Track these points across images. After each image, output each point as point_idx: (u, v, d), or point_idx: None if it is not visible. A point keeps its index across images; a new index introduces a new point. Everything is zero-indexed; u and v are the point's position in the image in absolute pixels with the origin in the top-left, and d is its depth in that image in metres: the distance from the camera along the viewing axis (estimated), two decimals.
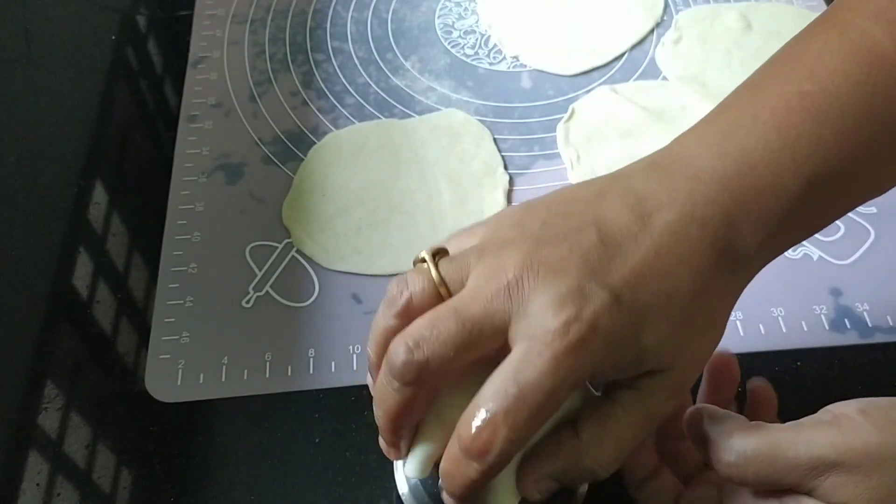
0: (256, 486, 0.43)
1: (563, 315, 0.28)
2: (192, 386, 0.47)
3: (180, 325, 0.49)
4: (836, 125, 0.31)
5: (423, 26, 0.67)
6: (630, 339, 0.29)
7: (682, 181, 0.31)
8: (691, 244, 0.30)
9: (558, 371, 0.28)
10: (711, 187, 0.31)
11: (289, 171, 0.57)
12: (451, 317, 0.29)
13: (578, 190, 0.32)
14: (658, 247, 0.30)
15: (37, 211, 0.56)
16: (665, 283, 0.30)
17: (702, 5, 0.66)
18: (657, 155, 0.33)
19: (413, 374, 0.29)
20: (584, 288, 0.29)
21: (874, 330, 0.48)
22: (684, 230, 0.30)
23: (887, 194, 0.53)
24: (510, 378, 0.28)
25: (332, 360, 0.48)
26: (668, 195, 0.31)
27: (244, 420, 0.46)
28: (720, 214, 0.31)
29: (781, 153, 0.31)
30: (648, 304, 0.29)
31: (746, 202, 0.31)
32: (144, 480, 0.44)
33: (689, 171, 0.31)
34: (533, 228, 0.30)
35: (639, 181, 0.32)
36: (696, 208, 0.31)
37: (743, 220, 0.31)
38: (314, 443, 0.45)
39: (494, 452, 0.28)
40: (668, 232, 0.30)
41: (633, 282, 0.29)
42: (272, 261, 0.52)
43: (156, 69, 0.66)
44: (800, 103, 0.32)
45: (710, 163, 0.31)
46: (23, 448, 0.45)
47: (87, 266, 0.53)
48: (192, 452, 0.45)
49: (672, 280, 0.30)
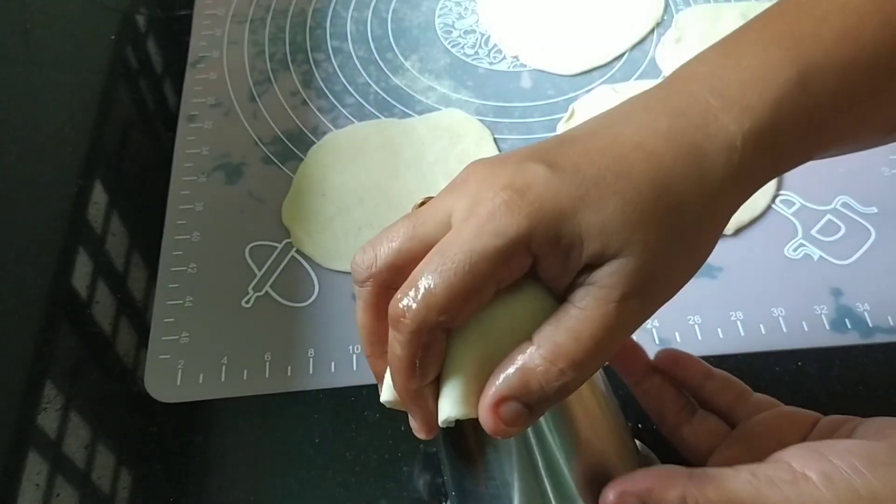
0: (256, 486, 0.43)
1: (495, 187, 0.28)
2: (192, 386, 0.47)
3: (180, 326, 0.49)
4: (835, 23, 0.29)
5: (423, 26, 0.67)
6: (568, 212, 0.27)
7: (655, 88, 0.30)
8: (654, 131, 0.28)
9: (480, 236, 0.27)
10: (684, 82, 0.30)
11: (288, 171, 0.57)
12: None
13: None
14: (615, 134, 0.28)
15: (36, 211, 0.56)
16: (620, 165, 0.28)
17: (702, 5, 0.66)
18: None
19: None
20: (523, 164, 0.28)
21: (875, 330, 0.48)
22: (646, 119, 0.29)
23: (888, 194, 0.53)
24: (436, 251, 0.28)
25: (332, 360, 0.48)
26: (637, 97, 0.30)
27: (244, 420, 0.46)
28: (691, 101, 0.29)
29: (769, 46, 0.29)
30: (596, 180, 0.28)
31: (727, 90, 0.29)
32: (144, 480, 0.44)
33: (666, 80, 0.30)
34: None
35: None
36: (664, 101, 0.29)
37: (722, 108, 0.28)
38: (314, 443, 0.45)
39: (412, 319, 0.27)
40: (626, 120, 0.29)
41: (581, 160, 0.28)
42: (272, 261, 0.52)
43: (155, 69, 0.66)
44: (795, 10, 0.30)
45: (689, 69, 0.30)
46: (22, 448, 0.45)
47: (87, 266, 0.53)
48: (191, 453, 0.45)
49: (626, 163, 0.28)
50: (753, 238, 0.52)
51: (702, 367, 0.39)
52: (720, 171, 0.28)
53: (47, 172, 0.58)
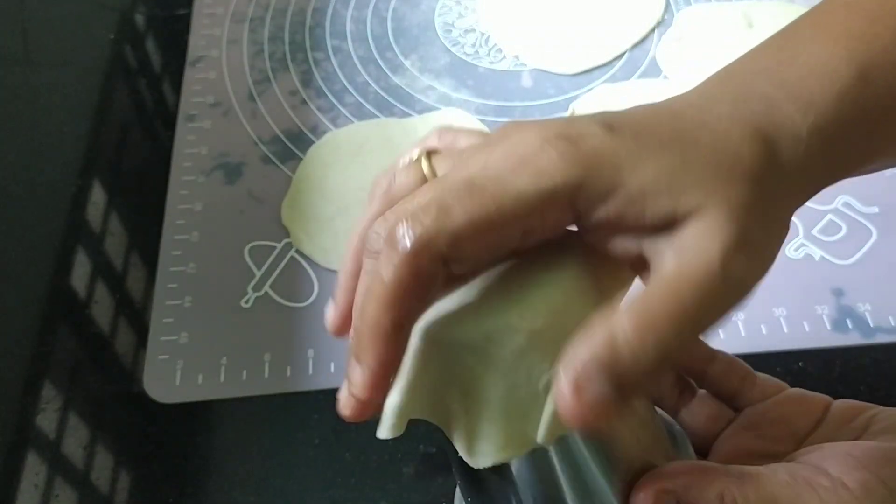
0: (255, 487, 0.43)
1: (544, 133, 0.24)
2: (191, 386, 0.47)
3: (179, 326, 0.49)
4: (890, 23, 0.28)
5: (422, 25, 0.67)
6: (626, 166, 0.24)
7: (709, 80, 0.28)
8: (716, 115, 0.26)
9: (517, 171, 0.23)
10: (740, 75, 0.28)
11: (288, 171, 0.57)
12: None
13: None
14: (675, 112, 0.26)
15: (35, 210, 0.56)
16: (684, 136, 0.25)
17: (703, 4, 0.66)
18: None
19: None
20: (575, 121, 0.25)
21: (876, 330, 0.47)
22: (706, 104, 0.26)
23: (889, 194, 0.53)
24: (459, 174, 0.24)
25: (332, 360, 0.48)
26: (690, 90, 0.28)
27: (243, 421, 0.46)
28: (751, 91, 0.27)
29: (827, 43, 0.28)
30: (660, 143, 0.25)
31: (787, 82, 0.27)
32: (143, 481, 0.44)
33: (718, 73, 0.28)
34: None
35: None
36: (722, 90, 0.27)
37: (785, 99, 0.27)
38: (313, 444, 0.44)
39: (418, 235, 0.23)
40: (683, 102, 0.27)
41: (640, 128, 0.25)
42: (271, 261, 0.52)
43: (154, 68, 0.66)
44: (845, 10, 0.29)
45: (742, 64, 0.28)
46: (21, 449, 0.45)
47: (86, 266, 0.53)
48: (190, 453, 0.45)
49: (691, 135, 0.25)
50: None
51: (704, 349, 0.36)
52: (786, 160, 0.26)
53: (46, 172, 0.58)
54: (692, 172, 0.24)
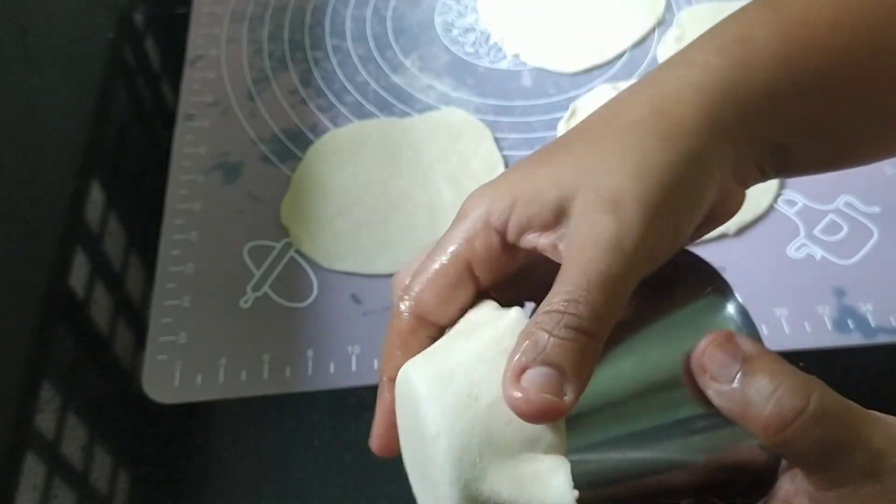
0: (254, 487, 0.43)
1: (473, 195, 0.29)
2: (190, 387, 0.47)
3: (178, 326, 0.49)
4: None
5: (422, 24, 0.66)
6: (520, 181, 0.28)
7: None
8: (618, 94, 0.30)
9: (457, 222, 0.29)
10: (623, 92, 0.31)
11: (287, 170, 0.57)
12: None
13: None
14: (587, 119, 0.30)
15: (33, 210, 0.56)
16: (577, 135, 0.29)
17: (704, 3, 0.66)
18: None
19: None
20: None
21: (877, 330, 0.47)
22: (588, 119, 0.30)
23: (890, 194, 0.53)
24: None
25: (331, 360, 0.48)
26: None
27: (242, 421, 0.46)
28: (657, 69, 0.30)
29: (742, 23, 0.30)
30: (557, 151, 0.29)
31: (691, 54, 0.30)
32: (142, 482, 0.44)
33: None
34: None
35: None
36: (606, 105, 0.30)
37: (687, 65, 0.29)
38: (313, 445, 0.44)
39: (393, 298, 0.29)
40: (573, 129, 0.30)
41: (553, 146, 0.30)
42: (270, 261, 0.52)
43: (153, 67, 0.66)
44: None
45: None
46: (20, 449, 0.45)
47: (84, 266, 0.53)
48: (189, 454, 0.45)
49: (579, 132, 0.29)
50: (755, 238, 0.52)
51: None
52: (671, 91, 0.28)
53: (45, 171, 0.58)
54: (571, 160, 0.28)
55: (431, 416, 0.25)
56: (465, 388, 0.25)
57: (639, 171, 0.27)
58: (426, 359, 0.27)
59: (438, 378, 0.26)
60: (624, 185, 0.26)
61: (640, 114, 0.28)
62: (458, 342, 0.27)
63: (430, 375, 0.26)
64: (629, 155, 0.27)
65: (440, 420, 0.25)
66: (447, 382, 0.25)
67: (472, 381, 0.25)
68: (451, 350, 0.27)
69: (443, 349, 0.27)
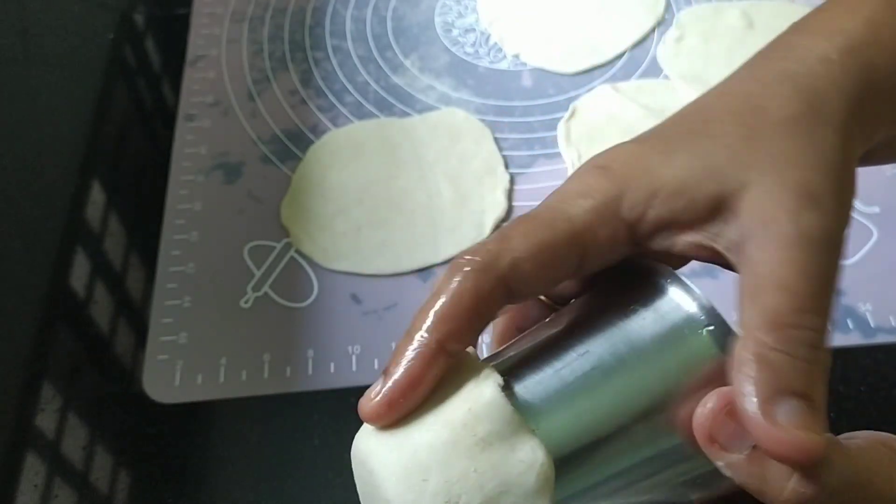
0: (254, 487, 0.43)
1: (587, 170, 0.26)
2: (190, 387, 0.47)
3: (178, 326, 0.49)
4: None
5: (422, 24, 0.67)
6: (657, 167, 0.24)
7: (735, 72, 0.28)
8: (736, 78, 0.26)
9: (565, 199, 0.25)
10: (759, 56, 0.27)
11: (287, 171, 0.57)
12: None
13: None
14: (697, 100, 0.26)
15: (34, 210, 0.56)
16: (704, 114, 0.25)
17: (703, 3, 0.66)
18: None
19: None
20: (612, 148, 0.26)
21: (877, 330, 0.47)
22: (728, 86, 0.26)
23: (890, 194, 0.53)
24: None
25: (331, 360, 0.48)
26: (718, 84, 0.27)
27: (242, 421, 0.46)
28: (771, 44, 0.27)
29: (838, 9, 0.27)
30: (683, 135, 0.25)
31: (807, 24, 0.26)
32: (142, 481, 0.44)
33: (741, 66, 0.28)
34: None
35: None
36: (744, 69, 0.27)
37: (804, 38, 0.26)
38: (313, 444, 0.44)
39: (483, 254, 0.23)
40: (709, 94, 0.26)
41: (665, 127, 0.26)
42: (271, 261, 0.52)
43: (153, 68, 0.66)
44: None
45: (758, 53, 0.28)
46: (20, 449, 0.45)
47: (85, 266, 0.53)
48: (189, 454, 0.45)
49: (711, 111, 0.25)
50: None
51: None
52: (820, 83, 0.25)
53: (45, 172, 0.58)
54: (725, 149, 0.24)
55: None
56: (442, 491, 0.22)
57: (821, 165, 0.23)
58: (389, 439, 0.23)
59: (407, 476, 0.22)
60: (813, 177, 0.23)
61: (793, 109, 0.24)
62: (424, 413, 0.23)
63: (397, 471, 0.23)
64: (803, 150, 0.24)
65: None
66: (420, 483, 0.22)
67: (450, 480, 0.22)
68: (420, 431, 0.23)
69: (407, 426, 0.23)
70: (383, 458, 0.23)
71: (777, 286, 0.22)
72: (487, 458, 0.22)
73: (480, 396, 0.23)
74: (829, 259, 0.23)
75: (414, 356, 0.23)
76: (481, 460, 0.22)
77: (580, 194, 0.24)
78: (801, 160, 0.23)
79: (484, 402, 0.23)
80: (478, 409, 0.23)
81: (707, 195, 0.24)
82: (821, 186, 0.23)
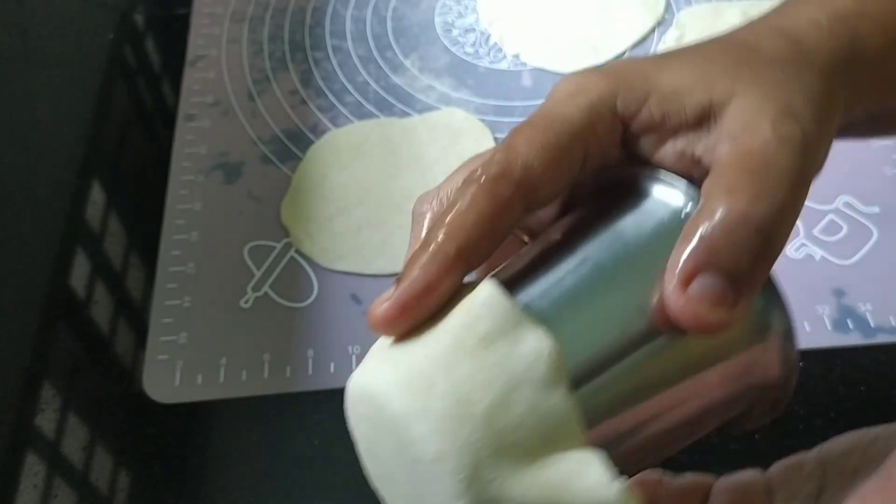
0: (255, 488, 0.43)
1: (584, 74, 0.27)
2: (190, 387, 0.47)
3: (178, 326, 0.49)
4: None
5: (422, 24, 0.67)
6: (653, 73, 0.26)
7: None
8: (733, 37, 0.27)
9: (559, 101, 0.25)
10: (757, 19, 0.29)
11: (287, 171, 0.57)
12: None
13: None
14: (696, 44, 0.27)
15: (34, 210, 0.56)
16: (702, 49, 0.27)
17: (703, 3, 0.66)
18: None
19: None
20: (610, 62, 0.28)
21: (877, 330, 0.47)
22: (725, 35, 0.28)
23: (890, 194, 0.53)
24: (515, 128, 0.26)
25: (332, 360, 0.48)
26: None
27: (242, 421, 0.46)
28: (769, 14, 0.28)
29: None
30: (679, 54, 0.27)
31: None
32: (142, 482, 0.44)
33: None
34: None
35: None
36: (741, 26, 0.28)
37: (798, 4, 0.28)
38: (313, 445, 0.44)
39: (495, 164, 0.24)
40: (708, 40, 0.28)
41: (661, 53, 0.28)
42: (271, 261, 0.52)
43: (154, 68, 0.66)
44: None
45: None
46: (20, 449, 0.45)
47: (85, 266, 0.53)
48: (190, 454, 0.45)
49: (708, 49, 0.27)
50: None
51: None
52: (811, 39, 0.26)
53: (45, 172, 0.58)
54: (718, 67, 0.25)
55: (424, 435, 0.21)
56: (450, 393, 0.21)
57: (805, 94, 0.25)
58: (383, 364, 0.23)
59: (411, 385, 0.22)
60: (797, 99, 0.24)
61: (783, 52, 0.26)
62: (418, 334, 0.23)
63: (400, 383, 0.22)
64: (789, 80, 0.25)
65: (438, 438, 0.21)
66: (427, 389, 0.21)
67: (457, 382, 0.21)
68: (415, 346, 0.22)
69: (400, 347, 0.23)
70: (383, 379, 0.22)
71: (742, 169, 0.23)
72: (492, 356, 0.22)
73: (477, 296, 0.22)
74: (800, 163, 0.23)
75: (431, 261, 0.23)
76: (485, 358, 0.22)
77: (574, 94, 0.25)
78: (787, 86, 0.25)
79: (481, 300, 0.22)
80: (476, 309, 0.22)
81: (696, 102, 0.25)
82: (803, 108, 0.24)
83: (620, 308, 0.23)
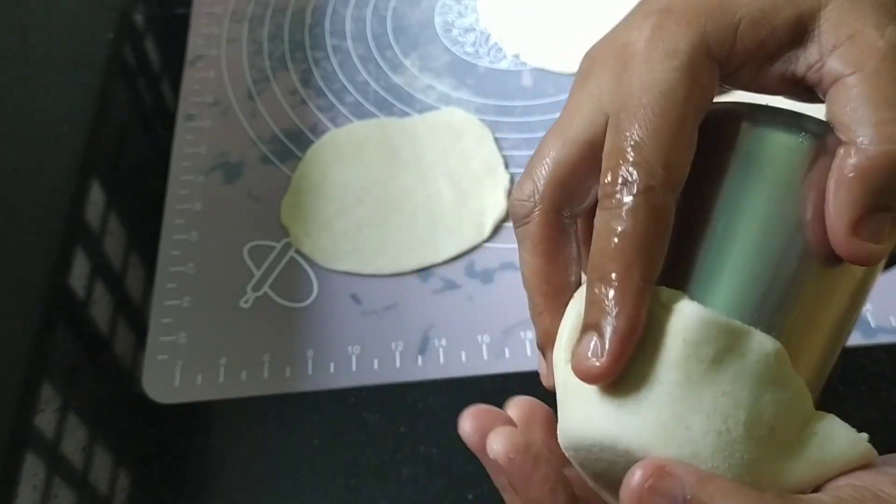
0: (254, 487, 0.43)
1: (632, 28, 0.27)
2: (190, 387, 0.47)
3: (178, 326, 0.49)
4: None
5: (422, 24, 0.66)
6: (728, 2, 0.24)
7: None
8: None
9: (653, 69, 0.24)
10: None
11: (287, 171, 0.57)
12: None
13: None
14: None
15: (33, 210, 0.56)
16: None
17: None
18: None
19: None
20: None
21: (877, 330, 0.47)
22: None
23: None
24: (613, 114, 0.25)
25: (331, 360, 0.48)
26: None
27: (242, 421, 0.46)
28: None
29: None
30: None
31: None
32: (142, 482, 0.44)
33: None
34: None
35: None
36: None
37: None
38: (312, 444, 0.44)
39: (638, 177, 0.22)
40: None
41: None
42: (270, 261, 0.52)
43: (153, 67, 0.66)
44: None
45: None
46: (20, 450, 0.45)
47: (84, 266, 0.53)
48: (189, 454, 0.45)
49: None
50: None
51: None
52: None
53: (45, 171, 0.58)
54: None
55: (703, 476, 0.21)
56: (709, 428, 0.21)
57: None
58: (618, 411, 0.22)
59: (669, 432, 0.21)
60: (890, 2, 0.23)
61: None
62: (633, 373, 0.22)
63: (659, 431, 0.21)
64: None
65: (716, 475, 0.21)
66: (685, 432, 0.21)
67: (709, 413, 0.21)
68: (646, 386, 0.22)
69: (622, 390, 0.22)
70: (630, 429, 0.22)
71: (881, 99, 0.22)
72: (725, 375, 0.21)
73: (686, 322, 0.22)
74: None
75: (624, 299, 0.22)
76: (721, 380, 0.21)
77: (666, 54, 0.23)
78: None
79: (693, 325, 0.22)
80: (691, 335, 0.22)
81: (786, 19, 0.23)
82: (893, 6, 0.23)
83: (795, 271, 0.23)
